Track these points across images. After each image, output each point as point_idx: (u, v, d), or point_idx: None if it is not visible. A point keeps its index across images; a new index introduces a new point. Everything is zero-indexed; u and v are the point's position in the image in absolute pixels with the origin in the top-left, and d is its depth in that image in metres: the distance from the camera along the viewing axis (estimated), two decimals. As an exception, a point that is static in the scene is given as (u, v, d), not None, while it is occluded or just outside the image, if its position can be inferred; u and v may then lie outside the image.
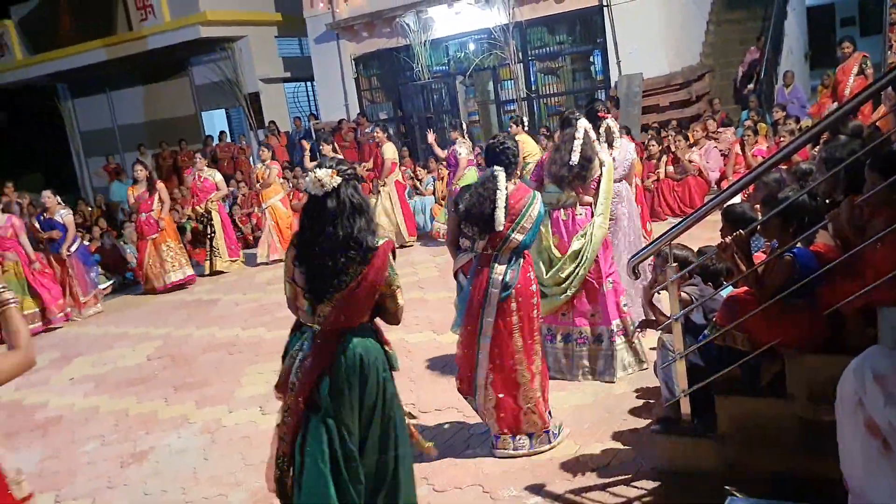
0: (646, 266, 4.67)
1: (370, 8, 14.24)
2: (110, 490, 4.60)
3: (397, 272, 3.09)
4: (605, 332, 5.01)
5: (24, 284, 8.72)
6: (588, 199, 5.06)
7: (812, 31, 16.31)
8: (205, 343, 7.42)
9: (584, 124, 5.02)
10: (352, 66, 15.18)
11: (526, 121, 11.36)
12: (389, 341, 3.18)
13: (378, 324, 3.18)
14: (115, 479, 4.73)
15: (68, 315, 9.19)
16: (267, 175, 10.76)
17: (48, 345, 8.31)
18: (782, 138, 9.45)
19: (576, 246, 4.95)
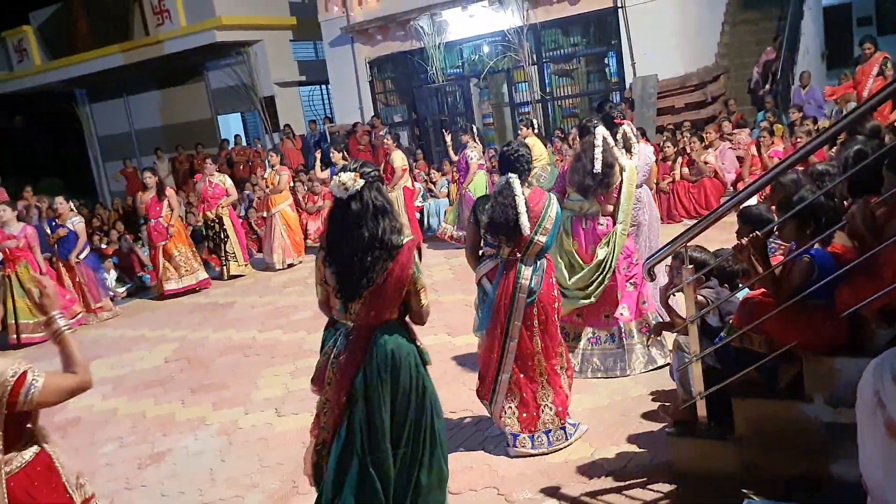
0: (662, 268, 4.68)
1: (384, 11, 14.27)
2: (128, 491, 4.64)
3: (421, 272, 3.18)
4: (616, 331, 5.12)
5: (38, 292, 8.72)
6: (610, 208, 5.14)
7: (828, 31, 16.14)
8: (221, 346, 7.46)
9: (601, 131, 5.09)
10: (366, 70, 15.22)
11: (536, 123, 11.31)
12: (419, 337, 3.28)
13: (408, 322, 3.29)
14: (133, 480, 4.78)
15: (81, 321, 9.23)
16: (277, 181, 10.77)
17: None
18: (799, 139, 9.36)
19: (601, 255, 5.06)
